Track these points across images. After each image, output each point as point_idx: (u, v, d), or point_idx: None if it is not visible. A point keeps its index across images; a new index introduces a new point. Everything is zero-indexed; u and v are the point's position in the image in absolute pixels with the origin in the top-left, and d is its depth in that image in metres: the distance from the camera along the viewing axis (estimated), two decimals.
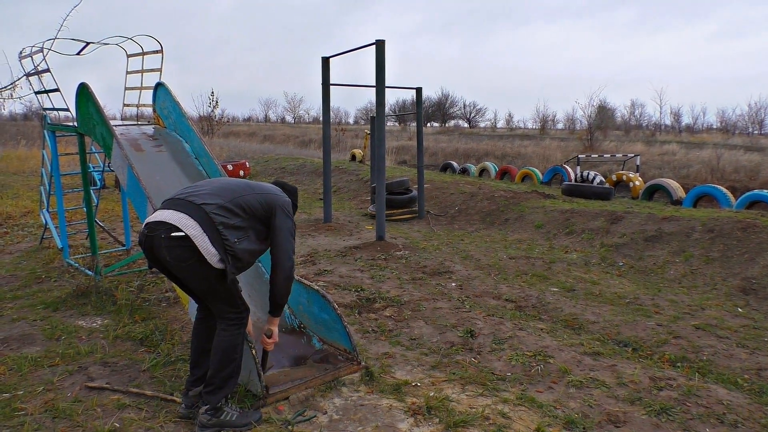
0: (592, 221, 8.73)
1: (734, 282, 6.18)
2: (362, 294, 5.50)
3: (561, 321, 4.98)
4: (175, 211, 2.82)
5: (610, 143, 34.31)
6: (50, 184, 7.23)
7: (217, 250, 2.77)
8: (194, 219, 2.78)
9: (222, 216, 2.83)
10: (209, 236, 2.77)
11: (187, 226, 2.75)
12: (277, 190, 3.14)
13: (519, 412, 3.21)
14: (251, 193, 2.99)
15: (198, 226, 2.77)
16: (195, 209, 2.82)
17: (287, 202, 3.10)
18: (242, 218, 2.90)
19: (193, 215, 2.80)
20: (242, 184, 3.07)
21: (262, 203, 2.98)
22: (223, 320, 2.97)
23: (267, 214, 2.99)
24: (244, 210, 2.92)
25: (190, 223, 2.76)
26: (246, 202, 2.94)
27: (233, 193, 2.95)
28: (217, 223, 2.80)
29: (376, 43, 7.80)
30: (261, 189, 3.06)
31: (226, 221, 2.83)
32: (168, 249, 2.76)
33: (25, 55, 6.09)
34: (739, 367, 3.96)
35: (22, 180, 15.61)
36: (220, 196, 2.91)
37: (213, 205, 2.85)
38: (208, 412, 2.93)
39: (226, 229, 2.82)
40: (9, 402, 3.24)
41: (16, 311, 4.92)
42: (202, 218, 2.79)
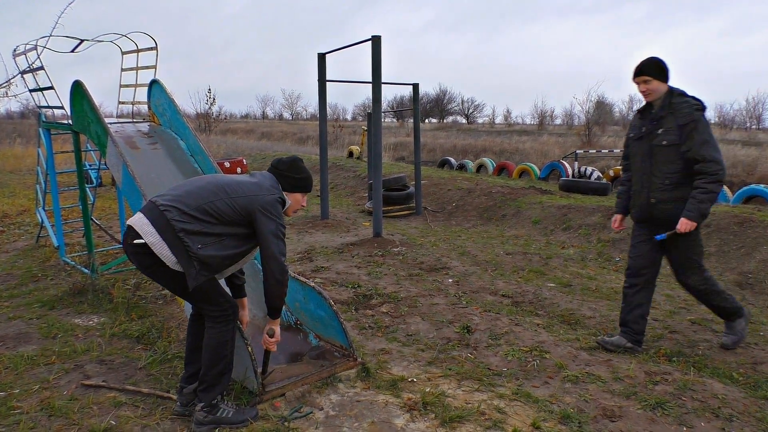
0: (589, 217, 8.74)
1: (731, 276, 6.19)
2: (359, 290, 5.50)
3: (557, 316, 4.99)
4: (142, 215, 2.84)
5: (609, 139, 34.31)
6: (46, 183, 7.22)
7: (176, 256, 2.76)
8: (154, 225, 2.78)
9: (182, 222, 2.78)
10: (168, 242, 2.76)
11: (146, 233, 2.77)
12: (258, 188, 2.96)
13: (515, 407, 3.22)
14: (224, 197, 2.86)
15: (156, 234, 2.76)
16: (158, 215, 2.80)
17: (269, 201, 2.91)
18: (210, 224, 2.82)
19: (154, 221, 2.79)
20: (217, 186, 2.92)
21: (235, 208, 2.86)
22: (209, 318, 2.96)
23: (246, 218, 2.88)
24: (212, 215, 2.83)
25: (149, 230, 2.78)
26: (214, 208, 2.83)
27: (201, 199, 2.84)
28: (177, 230, 2.76)
29: (371, 39, 7.78)
30: (237, 191, 2.90)
31: (187, 227, 2.77)
32: (133, 255, 2.85)
33: (19, 53, 6.07)
34: (734, 362, 3.97)
35: (18, 178, 15.57)
36: (184, 202, 2.83)
37: (175, 210, 2.80)
38: (204, 410, 2.93)
39: (188, 235, 2.77)
40: (5, 400, 3.24)
41: (13, 310, 4.92)
42: (162, 224, 2.78)
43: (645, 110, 3.89)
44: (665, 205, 3.78)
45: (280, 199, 3.01)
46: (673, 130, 3.67)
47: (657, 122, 3.76)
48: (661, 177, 3.77)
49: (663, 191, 3.78)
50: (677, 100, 3.71)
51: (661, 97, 3.77)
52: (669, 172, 3.74)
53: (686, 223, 3.68)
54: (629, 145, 4.06)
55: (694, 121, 3.62)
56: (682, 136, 3.64)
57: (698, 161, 3.63)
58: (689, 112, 3.64)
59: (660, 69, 3.76)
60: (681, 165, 3.70)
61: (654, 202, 3.82)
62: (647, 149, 3.83)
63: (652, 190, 3.82)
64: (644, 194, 3.88)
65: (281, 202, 3.01)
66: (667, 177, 3.75)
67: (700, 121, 3.64)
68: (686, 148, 3.64)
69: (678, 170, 3.72)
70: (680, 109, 3.67)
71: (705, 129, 3.64)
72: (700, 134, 3.61)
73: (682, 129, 3.64)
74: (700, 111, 3.66)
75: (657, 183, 3.79)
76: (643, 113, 3.90)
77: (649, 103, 3.84)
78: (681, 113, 3.66)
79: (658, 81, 3.75)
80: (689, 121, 3.62)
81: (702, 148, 3.60)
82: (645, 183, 3.87)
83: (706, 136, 3.63)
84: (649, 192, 3.84)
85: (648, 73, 3.75)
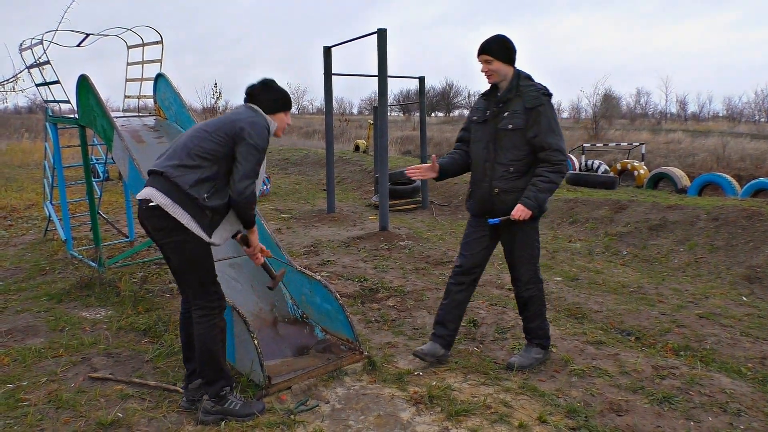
0: (596, 210, 8.70)
1: (739, 270, 6.15)
2: (365, 284, 5.50)
3: (564, 310, 4.97)
4: (149, 186, 2.86)
5: (616, 132, 34.16)
6: (53, 177, 7.24)
7: (188, 211, 2.79)
8: (161, 190, 2.80)
9: (182, 176, 2.79)
10: (178, 202, 2.78)
11: (156, 197, 2.79)
12: (237, 116, 2.93)
13: (521, 401, 3.21)
14: (206, 136, 2.86)
15: (165, 196, 2.78)
16: (161, 179, 2.82)
17: (251, 122, 2.89)
18: (204, 168, 2.82)
19: (160, 186, 2.81)
20: (197, 130, 2.93)
21: (220, 140, 2.84)
22: (196, 310, 2.94)
23: (233, 147, 2.86)
24: (203, 158, 2.83)
25: (158, 194, 2.79)
26: (201, 148, 2.84)
27: (187, 147, 2.86)
28: (181, 186, 2.78)
29: (377, 32, 7.75)
30: (216, 125, 2.91)
31: (188, 179, 2.79)
32: (147, 220, 2.86)
33: (26, 48, 6.08)
34: (742, 356, 3.94)
35: (26, 173, 15.66)
36: (177, 157, 2.85)
37: (171, 168, 2.82)
38: (212, 400, 2.94)
39: (192, 188, 2.78)
40: (13, 393, 3.26)
41: (21, 303, 4.94)
42: (168, 186, 2.80)
43: (490, 93, 3.59)
44: (508, 195, 3.47)
45: (265, 122, 2.96)
46: (520, 114, 3.41)
47: (503, 105, 3.47)
48: (505, 164, 3.46)
49: (507, 180, 3.47)
50: (524, 83, 3.46)
51: (507, 79, 3.48)
52: (514, 159, 3.45)
53: (522, 210, 3.40)
54: (469, 129, 3.70)
55: (542, 105, 3.39)
56: (528, 120, 3.39)
57: (544, 149, 3.40)
58: (536, 96, 3.40)
59: (504, 49, 3.45)
60: (526, 151, 3.44)
61: (497, 192, 3.48)
62: (491, 133, 3.50)
63: (495, 178, 3.48)
64: (486, 183, 3.53)
65: (266, 125, 2.96)
66: (512, 164, 3.45)
67: (548, 106, 3.42)
68: (533, 134, 3.39)
69: (523, 157, 3.45)
70: (527, 92, 3.42)
71: (552, 115, 3.43)
72: (547, 120, 3.39)
73: (529, 113, 3.39)
74: (547, 96, 3.44)
75: (501, 171, 3.47)
76: (488, 96, 3.59)
77: (495, 86, 3.55)
78: (528, 96, 3.40)
79: (500, 62, 3.44)
80: (537, 105, 3.38)
81: (549, 135, 3.38)
82: (488, 171, 3.52)
83: (553, 123, 3.42)
84: (491, 181, 3.50)
85: (490, 52, 3.43)
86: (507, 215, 3.47)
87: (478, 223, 3.68)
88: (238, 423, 2.91)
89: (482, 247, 3.67)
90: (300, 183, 14.56)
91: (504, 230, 3.59)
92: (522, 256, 3.61)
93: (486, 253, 3.70)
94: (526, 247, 3.59)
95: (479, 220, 3.67)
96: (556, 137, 3.40)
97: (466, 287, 3.74)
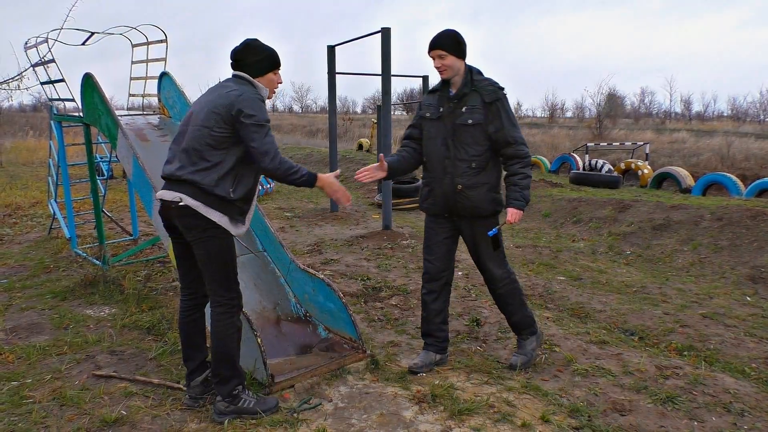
0: (599, 210, 8.69)
1: (743, 270, 6.14)
2: (368, 283, 5.50)
3: (567, 310, 4.97)
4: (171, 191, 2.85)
5: (620, 131, 34.10)
6: (58, 175, 7.27)
7: (219, 210, 2.82)
8: (188, 194, 2.80)
9: (204, 178, 2.79)
10: (208, 203, 2.80)
11: (185, 199, 2.80)
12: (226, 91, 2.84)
13: (524, 401, 3.21)
14: (206, 132, 2.80)
15: (193, 199, 2.79)
16: (184, 186, 2.82)
17: (242, 98, 2.80)
18: (221, 163, 2.81)
19: (186, 191, 2.81)
20: (198, 126, 2.84)
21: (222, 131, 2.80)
22: (215, 305, 2.93)
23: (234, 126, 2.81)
24: (215, 154, 2.81)
25: (186, 197, 2.80)
26: (209, 146, 2.80)
27: (196, 151, 2.81)
28: (206, 188, 2.79)
29: (381, 31, 7.75)
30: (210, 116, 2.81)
31: (212, 178, 2.79)
32: (179, 218, 2.86)
33: (30, 46, 6.09)
34: (746, 356, 3.93)
35: (31, 171, 15.71)
36: (190, 160, 2.82)
37: (190, 173, 2.80)
38: (226, 400, 2.94)
39: (217, 186, 2.80)
40: (17, 390, 3.28)
41: (25, 300, 4.96)
42: (194, 190, 2.80)
43: (441, 89, 3.49)
44: (471, 191, 3.38)
45: (253, 91, 2.89)
46: (479, 109, 3.34)
47: (459, 100, 3.39)
48: (467, 160, 3.38)
49: (470, 176, 3.38)
50: (478, 78, 3.41)
51: (460, 74, 3.40)
52: (475, 154, 3.37)
53: (516, 212, 3.39)
54: (420, 126, 3.58)
55: (500, 100, 3.34)
56: (488, 115, 3.34)
57: (510, 143, 3.36)
58: (494, 90, 3.35)
59: (456, 43, 3.36)
60: (486, 146, 3.38)
61: (461, 189, 3.39)
62: (449, 130, 3.41)
63: (457, 175, 3.38)
64: (448, 180, 3.42)
65: (256, 95, 2.89)
66: (473, 159, 3.37)
67: (505, 100, 3.38)
68: (494, 128, 3.34)
69: (483, 152, 3.38)
70: (484, 87, 3.36)
71: (510, 109, 3.40)
72: (507, 114, 3.36)
73: (489, 108, 3.33)
74: (503, 90, 3.40)
75: (462, 167, 3.38)
76: (440, 92, 3.50)
77: (446, 82, 3.46)
78: (486, 91, 3.35)
79: (454, 57, 3.35)
80: (495, 99, 3.33)
81: (512, 130, 3.35)
82: (448, 168, 3.41)
83: (512, 116, 3.39)
84: (453, 178, 3.39)
85: (443, 47, 3.34)
86: (468, 212, 3.43)
87: (437, 224, 3.60)
88: (241, 421, 2.92)
89: (445, 249, 3.61)
90: None
91: (465, 229, 3.53)
92: (489, 253, 3.53)
93: (450, 254, 3.63)
94: (491, 242, 3.50)
95: (437, 220, 3.59)
96: (518, 131, 3.39)
97: (438, 294, 3.65)
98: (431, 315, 3.66)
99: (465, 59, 3.42)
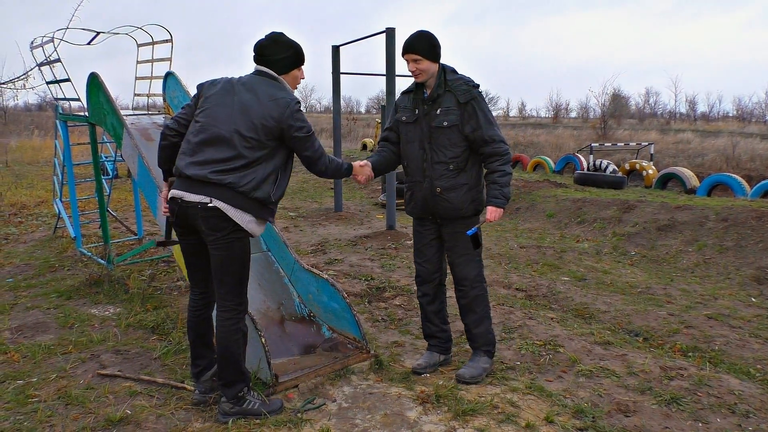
0: (604, 210, 8.67)
1: (748, 271, 6.12)
2: (372, 283, 5.50)
3: (571, 310, 4.96)
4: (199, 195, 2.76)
5: (624, 132, 34.01)
6: (63, 174, 7.29)
7: (252, 213, 2.81)
8: (221, 198, 2.74)
9: (241, 181, 2.74)
10: (241, 207, 2.77)
11: (215, 201, 2.74)
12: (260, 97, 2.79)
13: (528, 401, 3.20)
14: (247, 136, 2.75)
15: (226, 203, 2.74)
16: (218, 188, 2.74)
17: (286, 109, 2.78)
18: (260, 166, 2.78)
19: (219, 194, 2.74)
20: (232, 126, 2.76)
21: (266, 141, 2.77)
22: (222, 309, 2.90)
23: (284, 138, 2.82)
24: (256, 150, 2.77)
25: (216, 200, 2.74)
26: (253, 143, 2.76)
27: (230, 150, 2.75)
28: (245, 192, 2.75)
29: (386, 31, 7.75)
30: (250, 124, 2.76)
31: (251, 184, 2.76)
32: (204, 219, 2.77)
33: (36, 45, 6.12)
34: (751, 357, 3.92)
35: (36, 170, 15.76)
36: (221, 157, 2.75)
37: (221, 171, 2.74)
38: (231, 401, 2.94)
39: (257, 190, 2.77)
40: (23, 389, 3.29)
41: (31, 300, 4.98)
42: (230, 194, 2.75)
43: (416, 90, 3.44)
44: (450, 193, 3.34)
45: (293, 99, 2.85)
46: (454, 110, 3.28)
47: (434, 102, 3.33)
48: (444, 162, 3.33)
49: (448, 178, 3.34)
50: (451, 77, 3.35)
51: (434, 76, 3.34)
52: (453, 156, 3.33)
53: (495, 210, 3.33)
54: (396, 129, 3.58)
55: (475, 99, 3.28)
56: (463, 115, 3.28)
57: (487, 142, 3.29)
58: (467, 90, 3.29)
59: (431, 47, 3.30)
60: (464, 147, 3.33)
61: (440, 192, 3.35)
62: (425, 132, 3.36)
63: (436, 178, 3.35)
64: (427, 184, 3.39)
65: (296, 101, 2.86)
66: (451, 162, 3.33)
67: (480, 98, 3.31)
68: (471, 129, 3.28)
69: (461, 153, 3.33)
70: (458, 87, 3.30)
71: (485, 107, 3.32)
72: (483, 113, 3.28)
73: (463, 108, 3.27)
74: (477, 88, 3.33)
75: (440, 170, 3.34)
76: (414, 94, 3.44)
77: (419, 84, 3.40)
78: (460, 91, 3.28)
79: (429, 61, 3.29)
80: (469, 99, 3.27)
81: (488, 128, 3.28)
82: (427, 171, 3.38)
83: (489, 114, 3.32)
84: (432, 181, 3.36)
85: (418, 51, 3.28)
86: (448, 213, 3.38)
87: (422, 227, 3.57)
88: (245, 421, 2.92)
89: (434, 250, 3.57)
90: (307, 181, 14.58)
91: (446, 227, 3.48)
92: (468, 254, 3.46)
93: (439, 255, 3.59)
94: (471, 240, 3.42)
95: (422, 222, 3.57)
96: (495, 128, 3.32)
97: (432, 297, 3.63)
98: (430, 317, 3.66)
99: (439, 62, 3.37)
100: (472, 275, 3.49)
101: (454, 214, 3.39)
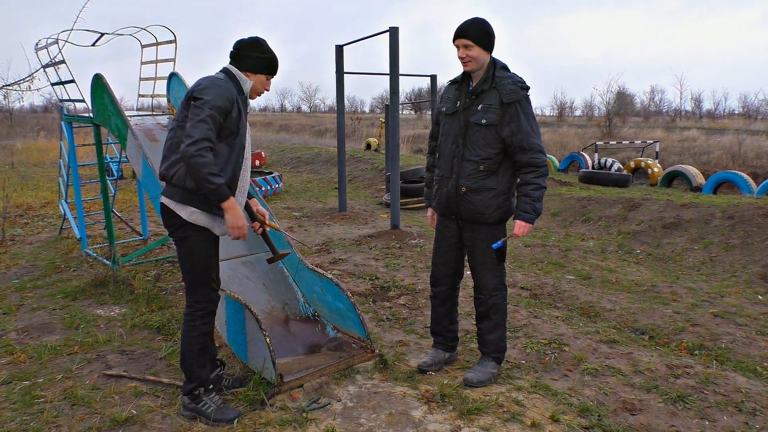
0: (609, 208, 8.64)
1: (754, 269, 6.09)
2: (377, 282, 5.50)
3: (577, 309, 4.95)
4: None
5: (629, 130, 33.91)
6: (68, 175, 7.31)
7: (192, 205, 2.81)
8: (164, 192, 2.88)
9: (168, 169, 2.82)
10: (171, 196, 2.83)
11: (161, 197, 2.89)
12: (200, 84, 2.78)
13: (533, 400, 3.20)
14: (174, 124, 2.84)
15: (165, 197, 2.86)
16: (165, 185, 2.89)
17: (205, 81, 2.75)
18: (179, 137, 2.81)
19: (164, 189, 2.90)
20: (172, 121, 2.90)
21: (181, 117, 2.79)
22: (186, 306, 2.97)
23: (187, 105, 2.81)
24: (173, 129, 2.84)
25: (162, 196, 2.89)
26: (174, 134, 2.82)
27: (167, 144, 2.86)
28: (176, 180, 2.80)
29: (389, 31, 7.74)
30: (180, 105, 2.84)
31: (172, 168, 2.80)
32: (162, 218, 2.93)
33: (41, 47, 6.14)
34: (758, 355, 3.90)
35: (41, 171, 15.82)
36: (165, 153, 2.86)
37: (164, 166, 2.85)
38: (187, 396, 2.98)
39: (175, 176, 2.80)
40: (29, 389, 3.30)
41: (36, 300, 5.00)
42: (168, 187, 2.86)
43: (462, 81, 3.27)
44: (476, 195, 3.18)
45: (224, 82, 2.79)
46: (495, 108, 3.09)
47: (477, 97, 3.15)
48: (475, 162, 3.16)
49: (476, 179, 3.17)
50: (501, 74, 3.14)
51: (482, 68, 3.14)
52: (485, 156, 3.14)
53: (524, 226, 3.15)
54: (440, 122, 3.39)
55: (519, 101, 3.07)
56: (504, 116, 3.08)
57: (525, 150, 3.10)
58: (514, 90, 3.08)
59: (486, 35, 3.09)
60: (498, 149, 3.14)
61: (465, 192, 3.19)
62: (461, 127, 3.19)
63: (463, 176, 3.19)
64: (453, 181, 3.23)
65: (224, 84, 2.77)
66: (482, 162, 3.15)
67: (525, 101, 3.12)
68: (510, 132, 3.09)
69: (494, 155, 3.14)
70: (505, 86, 3.09)
71: (530, 112, 3.13)
72: (527, 118, 3.09)
73: (506, 108, 3.08)
74: (526, 90, 3.13)
75: (469, 168, 3.17)
76: (460, 85, 3.27)
77: (467, 74, 3.22)
78: (506, 90, 3.08)
79: (480, 48, 3.09)
80: (515, 100, 3.06)
81: (530, 136, 3.09)
82: (455, 168, 3.22)
83: (532, 121, 3.12)
84: (459, 179, 3.21)
85: (471, 36, 3.07)
86: (470, 216, 3.24)
87: (445, 226, 3.45)
88: (249, 421, 2.93)
89: (453, 253, 3.46)
90: (312, 181, 14.59)
91: (467, 231, 3.34)
92: (487, 261, 3.32)
93: (457, 258, 3.48)
94: (492, 250, 3.28)
95: (444, 221, 3.44)
96: (536, 137, 3.13)
97: (442, 300, 3.56)
98: (439, 316, 3.64)
99: (492, 52, 3.16)
100: (491, 285, 3.36)
101: (477, 218, 3.24)
